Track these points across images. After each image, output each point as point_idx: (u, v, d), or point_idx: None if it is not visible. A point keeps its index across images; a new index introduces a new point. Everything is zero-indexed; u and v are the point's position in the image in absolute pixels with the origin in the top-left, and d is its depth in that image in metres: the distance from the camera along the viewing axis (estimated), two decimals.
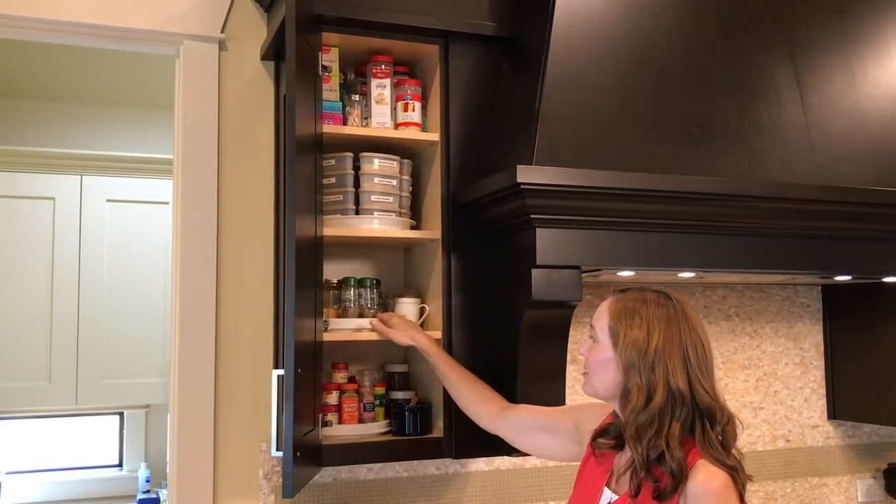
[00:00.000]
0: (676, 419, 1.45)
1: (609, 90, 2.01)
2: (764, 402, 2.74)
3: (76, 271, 3.53)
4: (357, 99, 2.13)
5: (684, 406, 1.45)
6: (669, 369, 1.46)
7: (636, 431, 1.46)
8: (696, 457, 1.44)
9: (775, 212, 2.02)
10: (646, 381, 1.47)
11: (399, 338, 2.01)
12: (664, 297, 1.54)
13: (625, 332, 1.51)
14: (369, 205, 2.10)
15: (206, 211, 2.20)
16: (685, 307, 1.53)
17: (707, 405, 1.46)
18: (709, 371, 1.50)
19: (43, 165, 3.55)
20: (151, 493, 3.67)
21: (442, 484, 2.33)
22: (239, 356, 2.20)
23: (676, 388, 1.45)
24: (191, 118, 2.21)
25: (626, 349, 1.50)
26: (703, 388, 1.47)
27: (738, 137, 2.07)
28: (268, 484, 2.17)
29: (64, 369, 3.50)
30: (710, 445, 1.44)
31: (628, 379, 1.49)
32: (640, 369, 1.48)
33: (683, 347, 1.48)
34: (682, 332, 1.49)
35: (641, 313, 1.51)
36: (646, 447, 1.44)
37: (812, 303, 2.84)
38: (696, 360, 1.48)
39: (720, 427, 1.47)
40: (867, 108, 2.25)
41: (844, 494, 2.81)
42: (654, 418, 1.45)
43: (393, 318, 2.06)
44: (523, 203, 1.82)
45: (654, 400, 1.45)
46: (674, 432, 1.44)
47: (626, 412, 1.49)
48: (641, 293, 1.55)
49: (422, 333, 2.03)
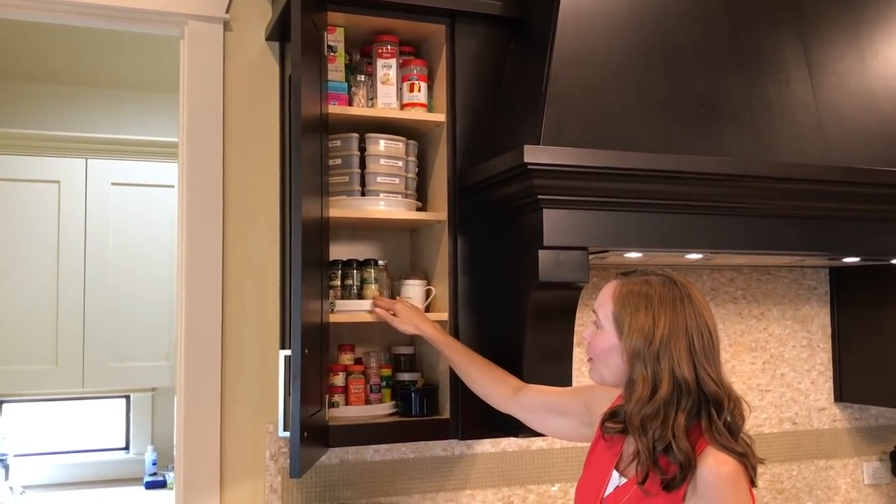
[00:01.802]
0: (682, 410, 1.42)
1: (617, 70, 1.99)
2: (770, 385, 2.73)
3: (82, 254, 3.54)
4: (362, 79, 2.12)
5: (690, 396, 1.43)
6: (675, 359, 1.43)
7: (641, 423, 1.44)
8: (703, 444, 1.42)
9: (783, 192, 2.00)
10: (651, 373, 1.44)
11: (403, 327, 1.99)
12: (669, 281, 1.51)
13: (630, 320, 1.48)
14: (375, 186, 2.09)
15: (211, 193, 2.19)
16: (690, 290, 1.50)
17: (713, 393, 1.44)
18: (715, 357, 1.47)
19: (48, 148, 3.54)
20: (158, 475, 3.69)
21: (448, 465, 2.33)
22: (245, 338, 2.19)
23: (682, 378, 1.43)
24: (196, 99, 2.20)
25: (632, 338, 1.47)
26: (708, 376, 1.44)
27: (747, 117, 2.06)
28: (275, 465, 2.17)
29: (70, 352, 3.51)
30: (717, 433, 1.42)
31: (633, 369, 1.47)
32: (645, 360, 1.45)
33: (689, 334, 1.45)
34: (688, 317, 1.46)
35: (647, 299, 1.48)
36: (651, 439, 1.42)
37: (819, 285, 2.82)
38: (701, 348, 1.45)
39: (728, 413, 1.45)
40: (877, 89, 2.23)
41: (851, 477, 2.81)
42: (660, 410, 1.43)
43: (396, 304, 2.03)
44: (530, 184, 1.81)
45: (660, 392, 1.43)
46: (679, 423, 1.42)
47: (631, 404, 1.47)
48: (645, 277, 1.52)
49: (426, 321, 2.00)
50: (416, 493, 2.30)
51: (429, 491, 2.32)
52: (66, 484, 3.72)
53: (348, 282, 2.12)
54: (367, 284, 2.12)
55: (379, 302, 2.05)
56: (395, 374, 2.21)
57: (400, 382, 2.19)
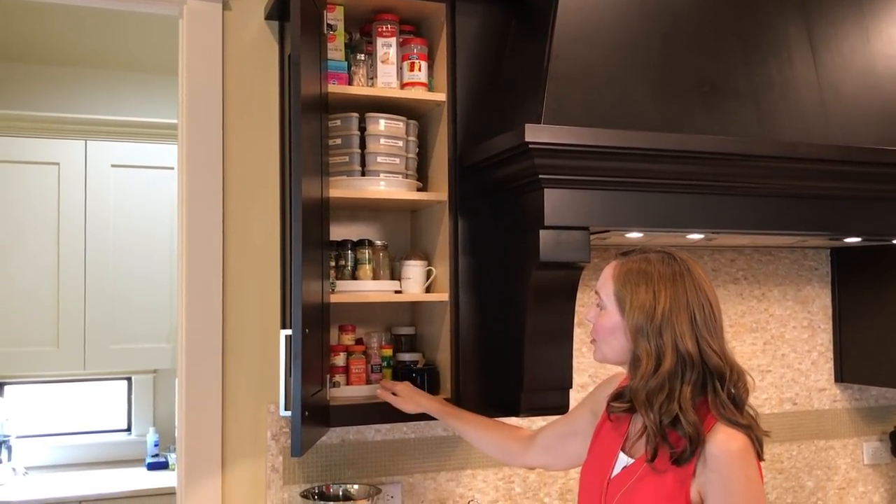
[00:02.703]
0: (687, 382, 1.44)
1: (618, 49, 1.98)
2: (771, 366, 2.74)
3: (82, 237, 3.54)
4: (362, 58, 2.11)
5: (694, 368, 1.44)
6: (678, 332, 1.45)
7: (647, 397, 1.45)
8: (712, 420, 1.43)
9: (785, 172, 1.99)
10: (654, 347, 1.45)
11: (405, 407, 1.99)
12: (668, 256, 1.52)
13: (631, 297, 1.49)
14: (375, 166, 2.09)
15: (211, 174, 2.18)
16: (690, 265, 1.51)
17: (716, 365, 1.45)
18: (717, 330, 1.48)
19: (47, 130, 3.53)
20: (160, 456, 3.70)
21: (449, 445, 2.34)
22: (246, 319, 2.19)
23: (685, 350, 1.44)
24: (195, 79, 2.18)
25: (634, 314, 1.48)
26: (711, 348, 1.45)
27: (749, 96, 2.04)
28: (276, 445, 2.18)
29: (71, 335, 3.52)
30: (722, 406, 1.43)
31: (637, 345, 1.48)
32: (648, 335, 1.46)
33: (690, 308, 1.46)
34: (689, 291, 1.47)
35: (647, 276, 1.49)
36: (657, 413, 1.43)
37: (821, 266, 2.82)
38: (703, 321, 1.46)
39: (731, 385, 1.46)
40: (881, 67, 2.21)
41: (850, 457, 2.82)
42: (665, 383, 1.44)
43: (397, 385, 2.02)
44: (531, 163, 1.80)
45: (664, 365, 1.44)
46: (685, 395, 1.43)
47: (636, 379, 1.48)
48: (645, 255, 1.53)
49: (427, 398, 2.00)
50: (418, 472, 2.31)
51: (430, 471, 2.32)
52: (68, 465, 3.74)
53: (342, 262, 2.11)
54: (362, 265, 2.12)
55: (383, 384, 2.06)
56: (395, 355, 2.21)
57: (401, 363, 2.19)
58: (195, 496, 2.11)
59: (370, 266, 2.13)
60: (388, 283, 2.13)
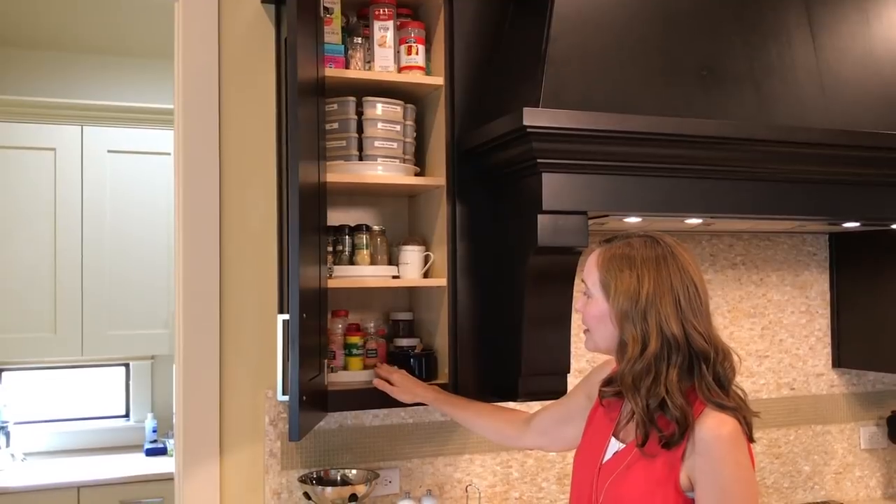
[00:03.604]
0: (673, 366, 1.44)
1: (617, 32, 1.97)
2: (769, 351, 2.74)
3: (79, 222, 3.53)
4: (359, 42, 2.09)
5: (679, 351, 1.44)
6: (662, 315, 1.45)
7: (633, 381, 1.45)
8: (700, 405, 1.43)
9: (785, 156, 1.99)
10: (640, 331, 1.45)
11: (402, 396, 1.99)
12: (651, 240, 1.52)
13: (615, 283, 1.49)
14: (373, 150, 2.08)
15: (207, 159, 2.17)
16: (674, 248, 1.51)
17: (701, 348, 1.45)
18: (702, 312, 1.48)
19: (43, 115, 3.52)
20: (159, 442, 3.71)
21: (447, 430, 2.34)
22: (244, 304, 2.19)
23: (671, 333, 1.44)
24: (191, 64, 2.17)
25: (619, 299, 1.48)
26: (696, 330, 1.45)
27: (749, 80, 2.03)
28: (274, 430, 2.18)
29: (69, 321, 3.52)
30: (708, 389, 1.43)
31: (623, 330, 1.48)
32: (633, 319, 1.46)
33: (675, 291, 1.46)
34: (673, 274, 1.47)
35: (630, 260, 1.49)
36: (644, 396, 1.44)
37: (819, 251, 2.82)
38: (687, 303, 1.46)
39: (718, 365, 1.45)
40: (880, 51, 2.20)
41: (847, 441, 2.83)
42: (651, 366, 1.44)
43: (394, 374, 2.01)
44: (530, 147, 1.79)
45: (649, 348, 1.44)
46: (672, 379, 1.43)
47: (623, 363, 1.48)
48: (627, 240, 1.54)
49: (423, 387, 2.00)
50: (416, 457, 2.31)
51: (428, 455, 2.33)
52: (66, 451, 3.75)
53: (339, 247, 2.11)
54: (359, 250, 2.11)
55: (378, 371, 2.04)
56: (393, 340, 2.21)
57: (399, 348, 2.19)
58: (193, 481, 2.12)
59: (368, 251, 2.12)
60: (386, 269, 2.13)
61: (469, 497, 2.33)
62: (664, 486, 1.43)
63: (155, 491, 3.36)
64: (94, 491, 3.32)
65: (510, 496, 2.40)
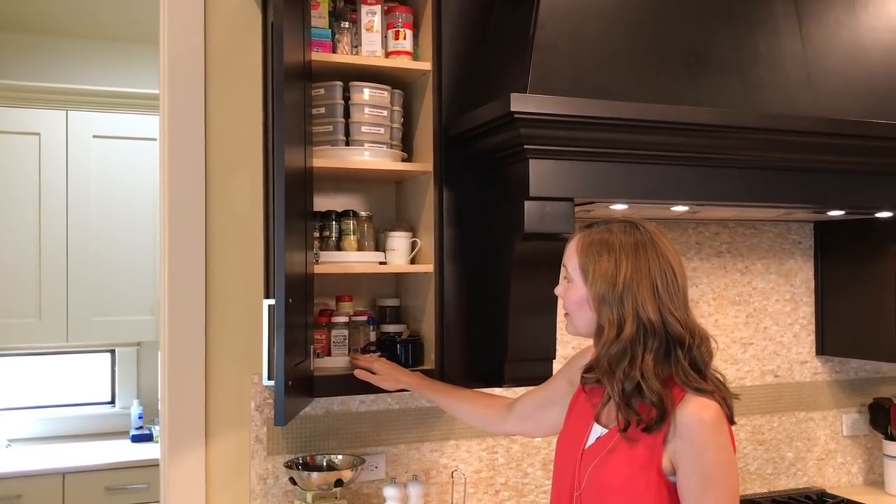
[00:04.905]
0: (649, 350, 1.45)
1: (605, 19, 1.96)
2: (754, 338, 2.76)
3: (64, 208, 3.51)
4: (346, 26, 2.08)
5: (656, 336, 1.45)
6: (639, 300, 1.46)
7: (608, 364, 1.47)
8: (680, 391, 1.44)
9: (771, 144, 1.99)
10: (616, 314, 1.47)
11: (385, 384, 1.97)
12: (631, 226, 1.53)
13: (594, 268, 1.50)
14: (360, 136, 2.07)
15: (193, 144, 2.15)
16: (653, 234, 1.52)
17: (677, 333, 1.46)
18: (680, 298, 1.49)
19: (27, 100, 3.49)
20: (144, 429, 3.70)
21: (433, 416, 2.35)
22: (230, 290, 2.18)
23: (647, 318, 1.45)
24: (176, 48, 2.15)
25: (596, 283, 1.49)
26: (673, 316, 1.46)
27: (735, 68, 2.04)
28: (260, 416, 2.18)
29: (54, 307, 3.51)
30: (685, 374, 1.44)
31: (600, 314, 1.50)
32: (609, 303, 1.48)
33: (652, 276, 1.47)
34: (651, 260, 1.48)
35: (609, 245, 1.50)
36: (620, 380, 1.45)
37: (804, 239, 2.84)
38: (665, 289, 1.47)
39: (694, 349, 1.46)
40: (866, 40, 2.21)
41: (830, 428, 2.86)
42: (626, 350, 1.45)
43: (374, 362, 2.01)
44: (517, 133, 1.79)
45: (625, 332, 1.45)
46: (647, 363, 1.44)
47: (599, 347, 1.50)
48: (607, 226, 1.55)
49: (406, 374, 1.99)
50: (402, 443, 2.32)
51: (414, 441, 2.33)
52: (52, 437, 3.74)
53: (326, 233, 2.10)
54: (346, 236, 2.11)
55: (356, 361, 2.02)
56: (380, 326, 2.21)
57: (385, 334, 2.19)
58: (179, 467, 2.11)
59: (355, 237, 2.12)
60: (373, 255, 2.13)
61: (455, 482, 2.34)
62: (647, 470, 1.44)
63: (141, 477, 3.36)
64: (79, 477, 3.31)
65: (496, 481, 2.41)
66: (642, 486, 1.44)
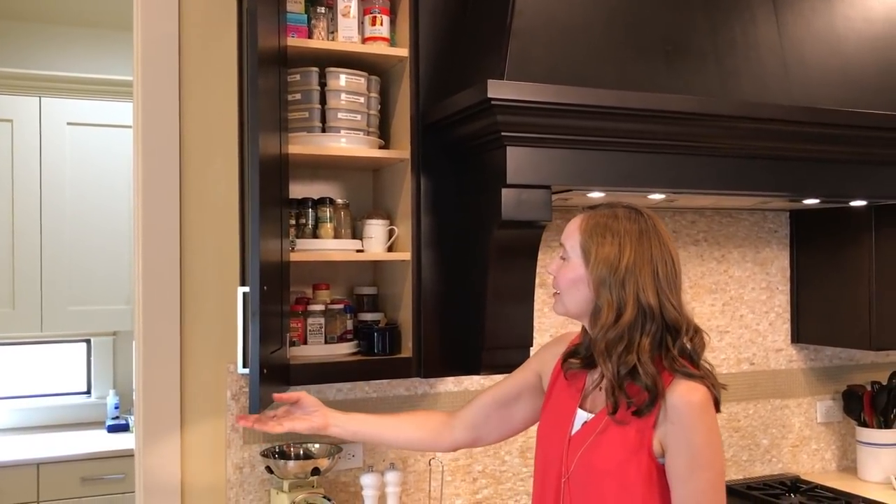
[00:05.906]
0: (646, 334, 1.46)
1: (583, 6, 1.96)
2: (730, 326, 2.77)
3: (37, 196, 3.47)
4: (323, 11, 2.06)
5: (654, 321, 1.46)
6: (640, 285, 1.47)
7: (606, 348, 1.47)
8: (669, 376, 1.46)
9: (747, 132, 2.00)
10: (616, 298, 1.47)
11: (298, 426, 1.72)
12: (635, 212, 1.53)
13: (596, 250, 1.50)
14: (336, 122, 2.05)
15: (167, 131, 2.13)
16: (656, 222, 1.53)
17: (674, 319, 1.48)
18: (677, 286, 1.51)
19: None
20: (121, 419, 3.67)
21: (411, 404, 2.34)
22: (205, 279, 2.16)
23: (647, 303, 1.46)
24: (150, 33, 2.12)
25: (598, 266, 1.49)
26: (670, 303, 1.48)
27: (712, 56, 2.04)
28: (236, 405, 2.16)
29: (28, 296, 3.46)
30: (674, 359, 1.46)
31: (599, 296, 1.49)
32: (610, 286, 1.48)
33: (654, 263, 1.48)
34: (653, 247, 1.49)
35: (613, 229, 1.50)
36: (616, 363, 1.45)
37: (780, 228, 2.85)
38: (664, 276, 1.48)
39: (688, 339, 1.49)
40: (841, 29, 2.22)
41: (805, 415, 2.88)
42: (624, 334, 1.46)
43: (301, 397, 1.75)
44: (494, 120, 1.78)
45: (624, 316, 1.46)
46: (644, 347, 1.45)
47: (596, 329, 1.50)
48: (612, 209, 1.54)
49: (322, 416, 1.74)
50: None
51: None
52: (27, 428, 3.70)
53: (302, 220, 2.09)
54: (323, 223, 2.09)
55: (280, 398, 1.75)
56: (357, 315, 2.20)
57: (362, 322, 2.18)
58: (154, 457, 2.10)
59: (331, 224, 2.10)
60: (350, 242, 2.12)
61: (432, 470, 2.34)
62: (637, 453, 1.46)
63: (117, 467, 3.34)
64: (54, 468, 3.28)
65: (473, 469, 2.42)
66: (633, 468, 1.46)
